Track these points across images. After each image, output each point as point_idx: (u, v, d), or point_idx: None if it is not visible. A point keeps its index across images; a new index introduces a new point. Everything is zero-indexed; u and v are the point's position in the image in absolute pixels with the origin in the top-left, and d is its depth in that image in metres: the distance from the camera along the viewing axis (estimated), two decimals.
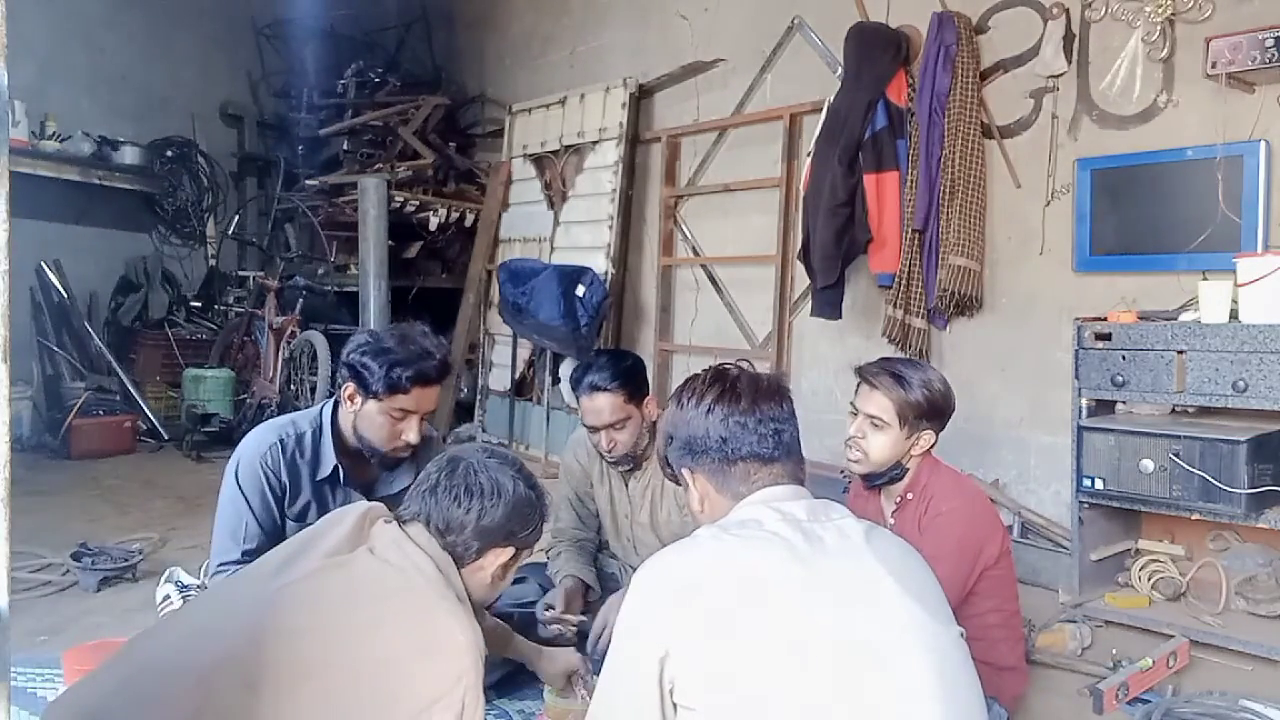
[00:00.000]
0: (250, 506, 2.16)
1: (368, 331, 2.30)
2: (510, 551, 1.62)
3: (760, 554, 1.25)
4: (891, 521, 2.33)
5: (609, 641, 2.20)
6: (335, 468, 2.24)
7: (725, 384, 1.46)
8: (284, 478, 2.20)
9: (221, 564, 2.16)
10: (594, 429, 2.57)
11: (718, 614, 1.20)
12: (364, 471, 2.31)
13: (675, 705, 1.20)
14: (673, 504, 2.64)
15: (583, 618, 2.51)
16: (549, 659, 2.22)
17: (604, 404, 2.52)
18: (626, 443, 2.57)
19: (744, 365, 1.52)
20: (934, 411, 2.26)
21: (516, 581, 2.65)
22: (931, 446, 2.30)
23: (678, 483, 1.52)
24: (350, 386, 2.19)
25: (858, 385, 2.32)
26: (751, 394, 1.44)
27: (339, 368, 2.24)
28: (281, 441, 2.21)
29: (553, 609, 2.51)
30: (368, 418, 2.18)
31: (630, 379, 2.55)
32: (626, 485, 2.71)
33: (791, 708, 1.15)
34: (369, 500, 1.84)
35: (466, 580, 1.57)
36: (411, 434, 2.18)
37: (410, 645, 1.37)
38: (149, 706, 1.33)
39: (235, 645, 1.35)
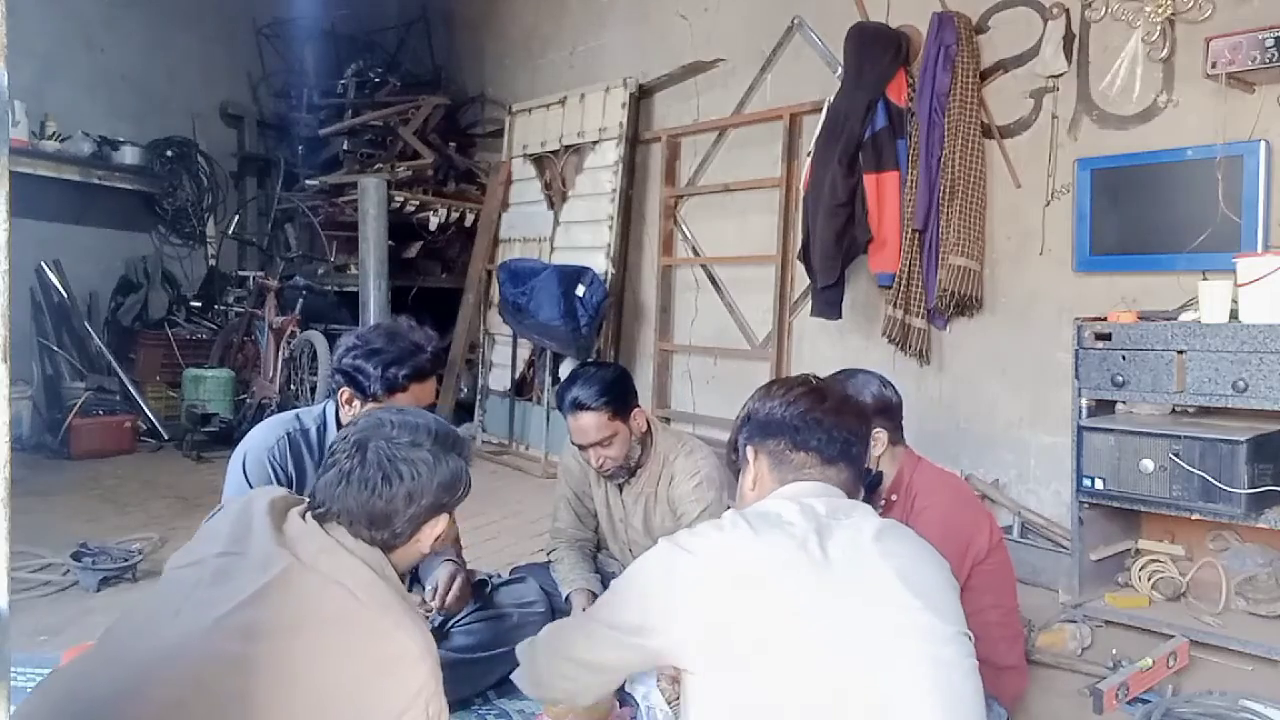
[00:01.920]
0: None
1: (355, 334, 2.27)
2: (444, 520, 1.53)
3: (768, 548, 1.27)
4: None
5: None
6: None
7: (815, 388, 1.56)
8: (290, 470, 2.19)
9: None
10: (582, 447, 2.53)
11: (716, 605, 1.21)
12: None
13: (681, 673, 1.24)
14: (666, 510, 2.62)
15: None
16: None
17: (589, 423, 2.46)
18: (616, 457, 2.53)
19: (842, 381, 1.62)
20: (872, 414, 2.20)
21: (516, 581, 2.64)
22: (897, 444, 2.34)
23: (737, 474, 1.59)
24: (346, 391, 2.18)
25: None
26: (837, 403, 1.54)
27: (333, 374, 2.23)
28: (289, 435, 2.21)
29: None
30: None
31: (614, 394, 2.48)
32: (620, 491, 2.69)
33: (793, 706, 1.15)
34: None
35: (401, 560, 1.50)
36: None
37: (364, 666, 1.30)
38: None
39: (182, 693, 1.25)
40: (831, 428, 1.48)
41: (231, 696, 1.24)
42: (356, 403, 2.17)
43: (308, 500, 1.50)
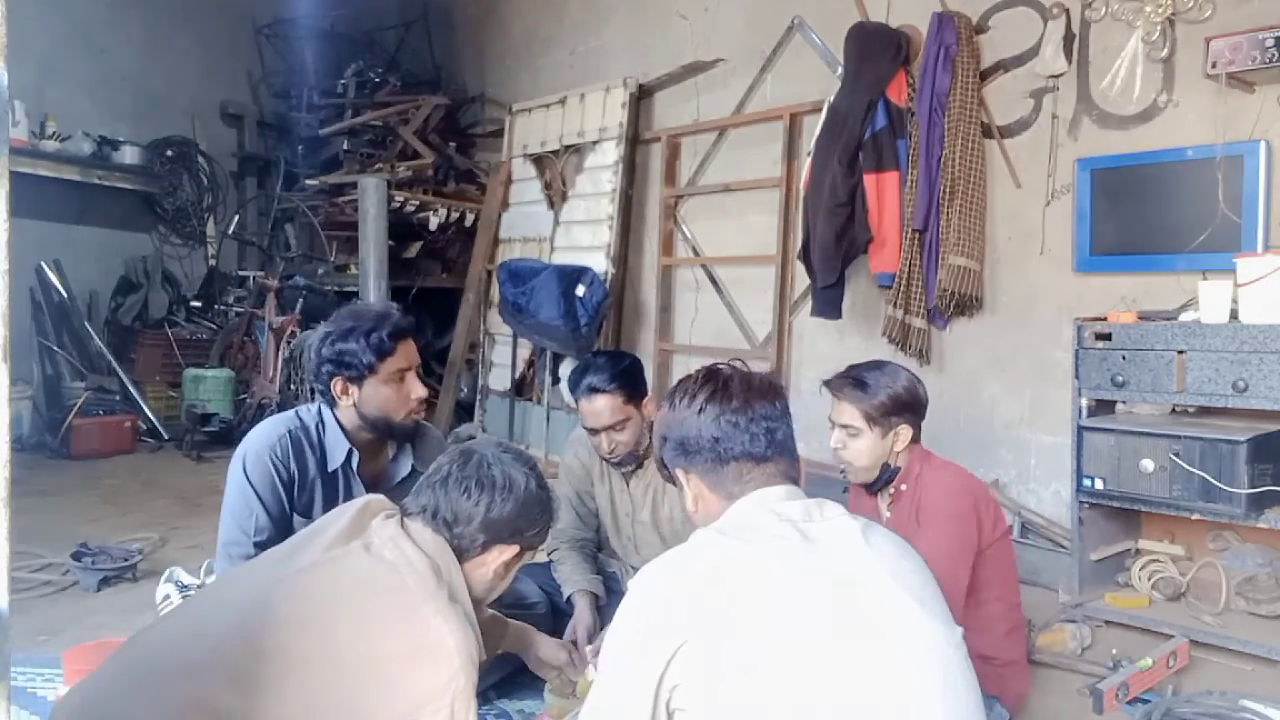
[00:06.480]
0: (260, 498, 2.14)
1: (320, 329, 2.30)
2: (514, 550, 1.61)
3: (759, 557, 1.25)
4: (888, 515, 2.35)
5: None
6: (350, 451, 2.23)
7: (717, 383, 1.44)
8: (293, 469, 2.19)
9: (232, 558, 2.15)
10: (594, 431, 2.57)
11: (717, 618, 1.19)
12: (370, 465, 2.32)
13: (672, 712, 1.19)
14: (675, 501, 2.64)
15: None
16: (543, 647, 2.21)
17: (603, 406, 2.51)
18: (627, 443, 2.57)
19: (737, 364, 1.50)
20: (902, 407, 2.29)
21: (515, 581, 2.65)
22: (915, 439, 2.34)
23: (674, 483, 1.52)
24: (339, 381, 2.18)
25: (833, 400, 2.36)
26: (744, 393, 1.42)
27: (317, 372, 2.23)
28: (290, 433, 2.21)
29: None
30: (372, 395, 2.18)
31: (628, 379, 2.54)
32: (628, 484, 2.71)
33: (793, 709, 1.14)
34: (377, 493, 1.83)
35: (468, 575, 1.55)
36: (418, 389, 2.23)
37: (398, 646, 1.35)
38: (143, 702, 1.33)
39: (224, 639, 1.36)
40: (749, 424, 1.39)
41: (270, 649, 1.33)
42: (353, 388, 2.18)
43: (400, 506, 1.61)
